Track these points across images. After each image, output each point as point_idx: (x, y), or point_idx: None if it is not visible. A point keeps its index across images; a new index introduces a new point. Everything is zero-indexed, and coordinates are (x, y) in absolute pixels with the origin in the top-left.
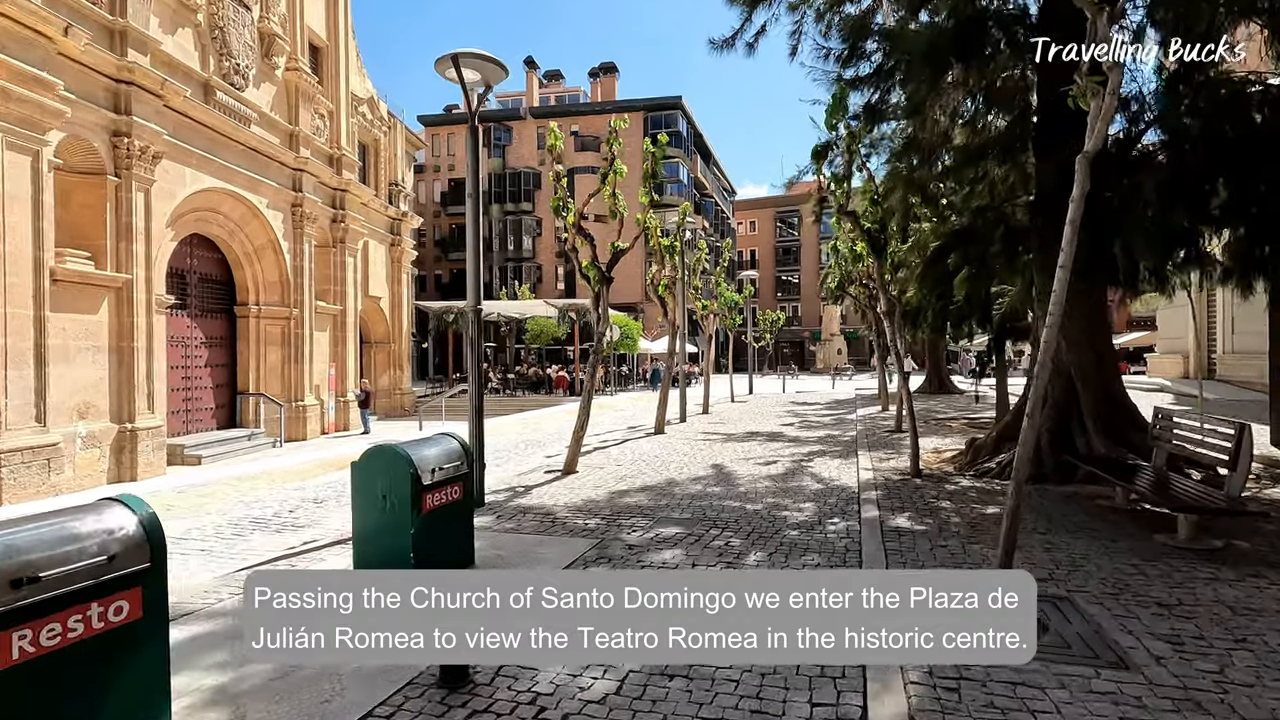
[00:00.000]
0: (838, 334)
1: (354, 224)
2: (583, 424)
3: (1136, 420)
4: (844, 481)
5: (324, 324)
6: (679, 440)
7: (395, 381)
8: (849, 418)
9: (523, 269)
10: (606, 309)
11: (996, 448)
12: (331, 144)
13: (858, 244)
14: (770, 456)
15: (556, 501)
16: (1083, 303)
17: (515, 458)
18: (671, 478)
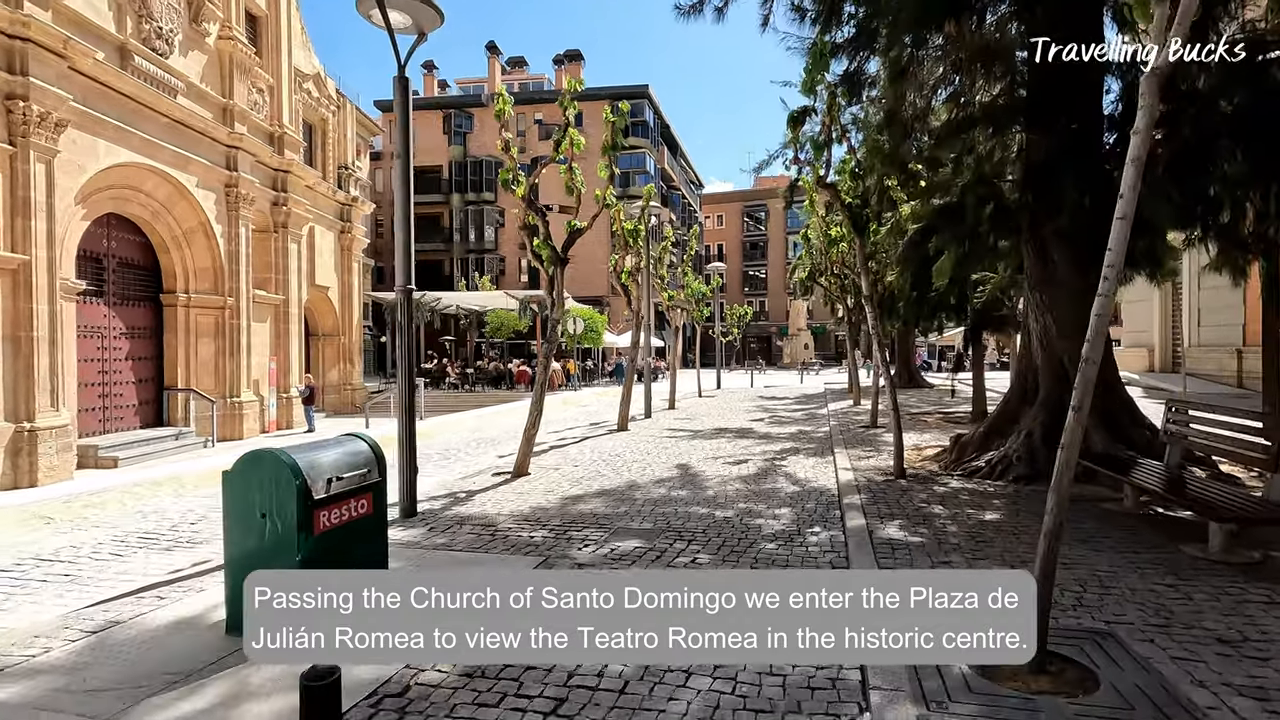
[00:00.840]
0: (805, 329)
1: (298, 208)
2: (534, 421)
3: (1135, 414)
4: (822, 483)
5: (264, 315)
6: (643, 438)
7: (345, 376)
8: (820, 413)
9: (485, 260)
10: (561, 295)
11: (984, 444)
12: (272, 121)
13: (832, 228)
14: (740, 455)
15: (501, 510)
16: (1077, 283)
17: (465, 457)
18: (633, 480)
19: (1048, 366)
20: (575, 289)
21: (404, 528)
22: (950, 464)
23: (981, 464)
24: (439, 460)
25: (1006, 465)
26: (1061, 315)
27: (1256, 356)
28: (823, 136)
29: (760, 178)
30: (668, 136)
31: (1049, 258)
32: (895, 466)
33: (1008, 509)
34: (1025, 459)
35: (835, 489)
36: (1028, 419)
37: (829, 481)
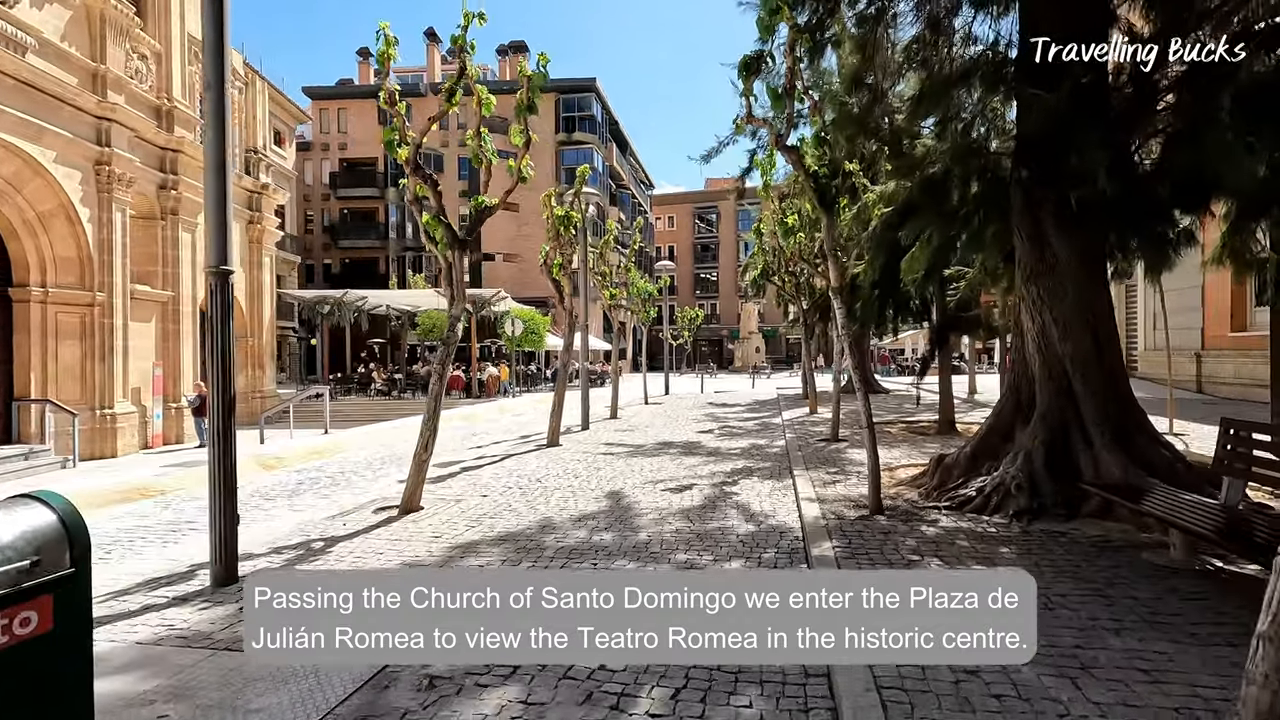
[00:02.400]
0: (756, 332)
1: (192, 192)
2: (427, 443)
3: (1151, 431)
4: (782, 519)
5: (147, 313)
6: (575, 455)
7: (254, 383)
8: (774, 422)
9: (423, 259)
10: (462, 286)
11: (971, 467)
12: (159, 93)
13: (789, 216)
14: (685, 477)
15: (360, 568)
16: (1080, 274)
17: (357, 483)
18: (548, 517)
19: (1047, 374)
20: (517, 289)
21: (201, 606)
22: (932, 491)
23: (971, 492)
24: (323, 488)
25: (1003, 495)
26: (1063, 312)
27: (1216, 361)
28: (784, 84)
29: (710, 179)
30: (616, 133)
31: (1047, 244)
32: (871, 499)
33: (1027, 563)
34: (1026, 488)
35: (799, 529)
36: (1025, 437)
37: (790, 517)
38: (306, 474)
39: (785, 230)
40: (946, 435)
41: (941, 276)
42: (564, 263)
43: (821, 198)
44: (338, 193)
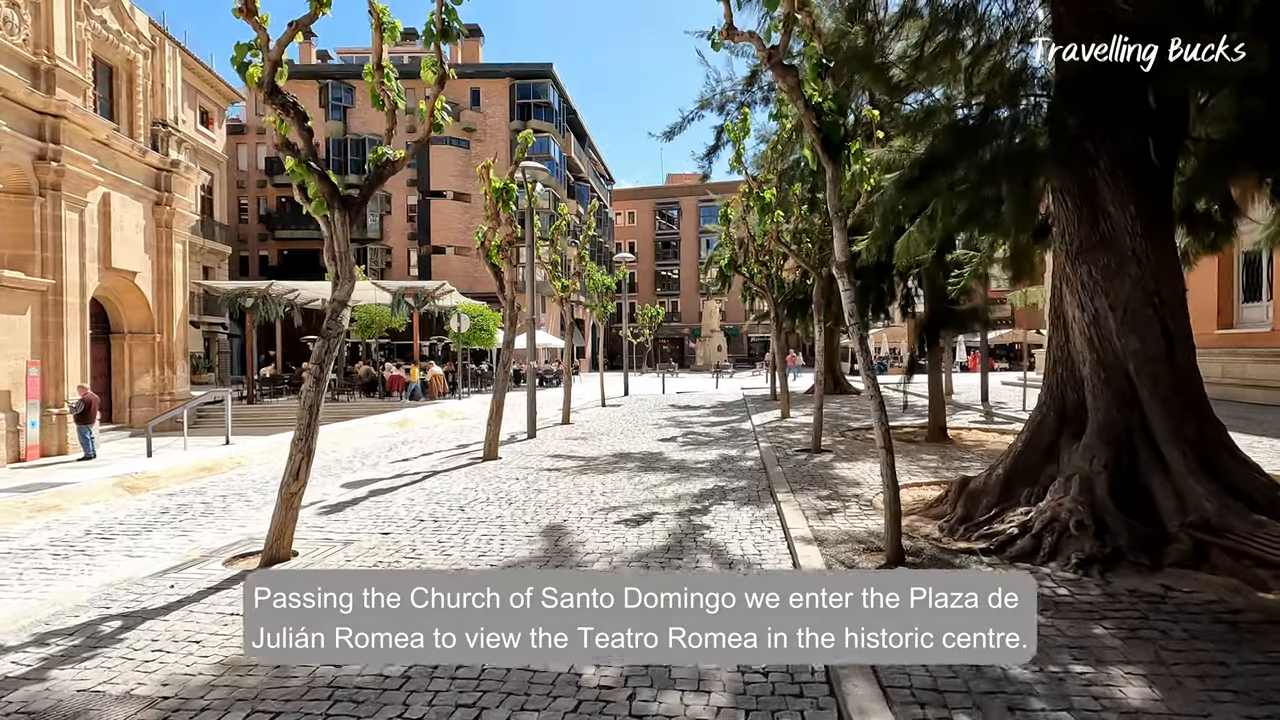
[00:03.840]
0: (718, 330)
1: (78, 166)
2: (297, 470)
3: (1232, 446)
4: (773, 570)
5: (19, 304)
6: (513, 471)
7: (163, 384)
8: (744, 428)
9: (368, 251)
10: (348, 257)
11: (1005, 494)
12: (35, 48)
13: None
14: (644, 502)
15: (143, 678)
16: (1142, 246)
17: (234, 512)
18: (459, 570)
19: (1102, 377)
20: (469, 284)
21: None
22: (957, 524)
23: (1013, 529)
24: (190, 519)
25: (1059, 535)
26: (1123, 298)
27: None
28: None
29: (672, 174)
30: (575, 124)
31: (1102, 211)
32: (889, 543)
33: (1146, 656)
34: (1091, 527)
35: None
36: (1077, 457)
37: (782, 565)
38: (180, 499)
39: (762, 207)
40: (939, 443)
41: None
42: (503, 244)
43: (826, 141)
44: (275, 179)
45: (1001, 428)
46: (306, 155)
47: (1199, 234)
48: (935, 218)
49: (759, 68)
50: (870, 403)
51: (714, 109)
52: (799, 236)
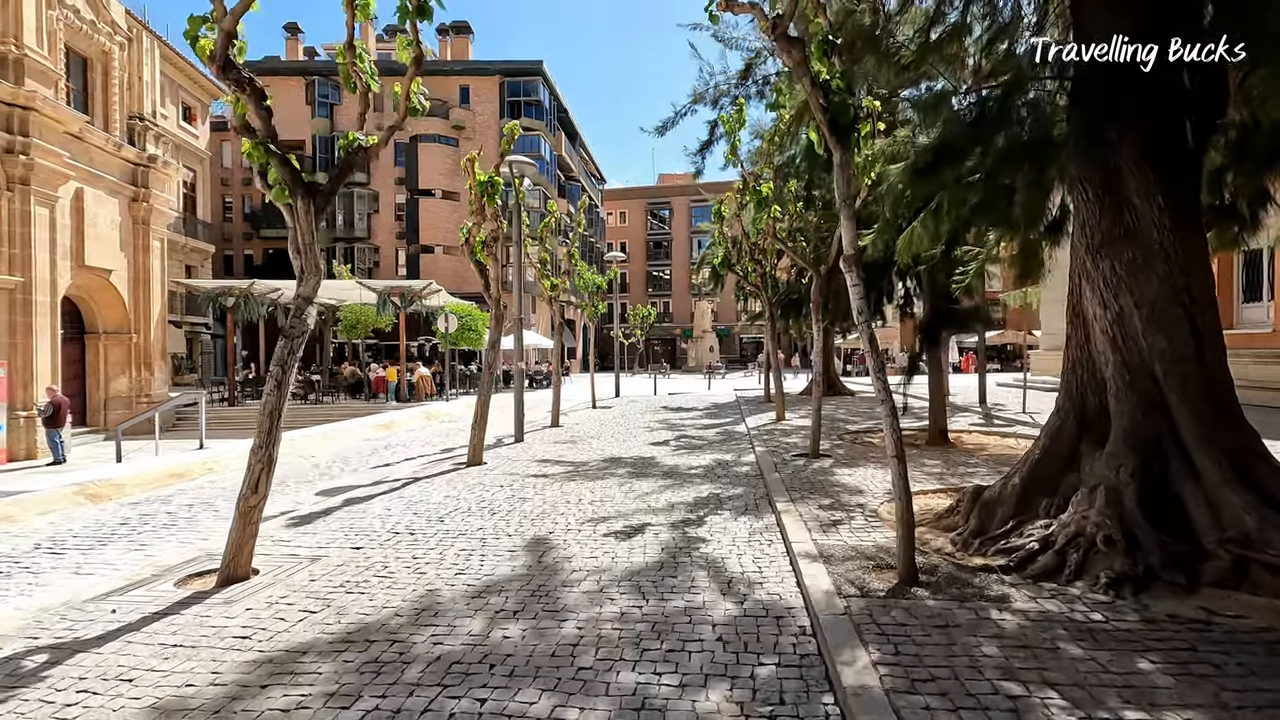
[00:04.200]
0: (710, 331)
1: (48, 159)
2: (256, 483)
3: (1265, 454)
4: (775, 591)
5: None
6: (498, 478)
7: (140, 386)
8: (738, 431)
9: (355, 250)
10: (312, 246)
11: (1022, 505)
12: (2, 37)
13: (763, 186)
14: (635, 512)
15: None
16: (1169, 239)
17: (199, 524)
18: (434, 590)
19: (1127, 379)
20: (455, 282)
21: None
22: (971, 538)
23: (1033, 544)
24: (151, 531)
25: (1084, 551)
26: (1149, 295)
27: None
28: None
29: (664, 174)
30: (565, 123)
31: (1126, 203)
32: (902, 562)
33: (1205, 698)
34: (1120, 542)
35: (804, 613)
36: (1101, 465)
37: (785, 586)
38: (143, 508)
39: (759, 201)
40: (940, 447)
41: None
42: (488, 240)
43: (834, 122)
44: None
45: (1003, 430)
46: (265, 137)
47: (1223, 229)
48: (943, 211)
49: (754, 60)
50: (881, 406)
51: (707, 103)
52: (794, 234)
